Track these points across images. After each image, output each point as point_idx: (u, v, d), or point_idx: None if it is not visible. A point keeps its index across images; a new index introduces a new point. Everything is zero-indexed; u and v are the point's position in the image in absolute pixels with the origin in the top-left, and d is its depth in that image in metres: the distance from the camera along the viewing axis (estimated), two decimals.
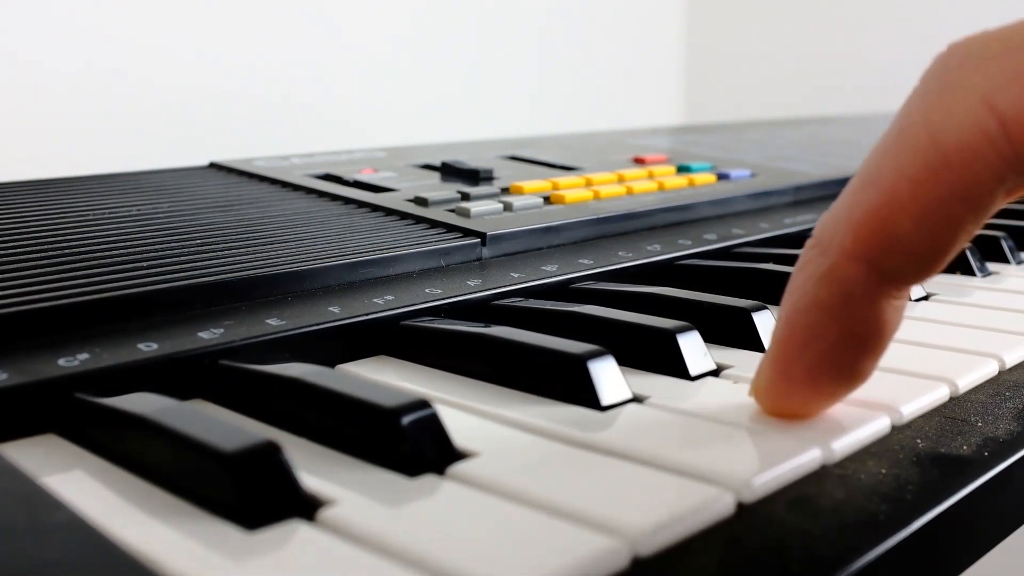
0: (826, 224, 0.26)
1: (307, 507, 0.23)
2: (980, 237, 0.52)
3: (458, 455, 0.26)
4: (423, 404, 0.26)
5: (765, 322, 0.36)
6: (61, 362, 0.29)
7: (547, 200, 0.51)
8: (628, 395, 0.30)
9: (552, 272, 0.42)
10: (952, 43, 0.25)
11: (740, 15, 1.48)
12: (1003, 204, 0.25)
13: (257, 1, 0.96)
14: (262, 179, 0.54)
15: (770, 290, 0.38)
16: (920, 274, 0.26)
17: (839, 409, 0.30)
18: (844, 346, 0.26)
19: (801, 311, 0.26)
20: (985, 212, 0.24)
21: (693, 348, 0.33)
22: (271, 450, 0.23)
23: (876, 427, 0.29)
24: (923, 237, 0.24)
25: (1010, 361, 0.35)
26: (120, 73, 0.86)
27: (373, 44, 1.06)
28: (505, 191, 0.52)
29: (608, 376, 0.30)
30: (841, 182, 0.46)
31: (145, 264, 0.37)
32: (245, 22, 0.95)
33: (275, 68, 0.97)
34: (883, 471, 0.27)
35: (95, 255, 0.37)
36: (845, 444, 0.27)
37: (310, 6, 1.00)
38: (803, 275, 0.26)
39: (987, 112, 0.23)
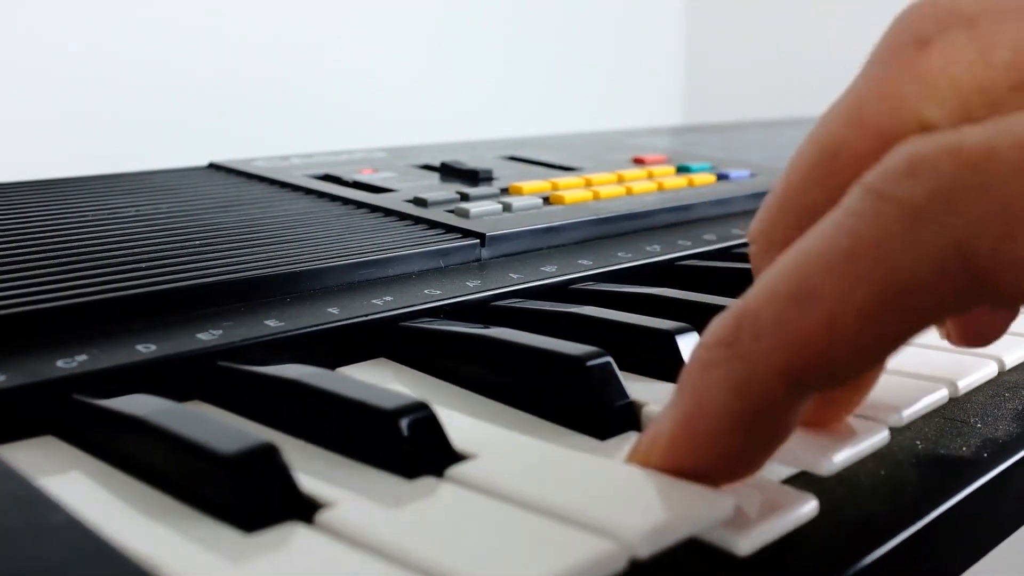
0: (742, 323, 0.23)
1: (305, 509, 0.23)
2: None
3: (457, 457, 0.26)
4: (422, 406, 0.26)
5: None
6: (59, 363, 0.29)
7: (547, 200, 0.51)
8: (628, 398, 0.30)
9: (551, 273, 0.42)
10: (918, 154, 0.21)
11: (740, 15, 1.48)
12: None
13: (257, 2, 0.96)
14: (262, 179, 0.54)
15: None
16: (843, 386, 0.25)
17: None
18: (749, 449, 0.24)
19: (710, 416, 0.23)
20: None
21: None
22: (269, 452, 0.23)
23: (876, 427, 0.29)
24: (860, 364, 0.22)
25: (1010, 362, 0.35)
26: (120, 73, 0.86)
27: (372, 44, 1.06)
28: (504, 191, 0.52)
29: (608, 378, 0.30)
30: None
31: (144, 265, 0.37)
32: (244, 23, 0.95)
33: (275, 68, 0.97)
34: (882, 472, 0.27)
35: (94, 255, 0.37)
36: (845, 457, 0.27)
37: (310, 7, 1.00)
38: (711, 376, 0.23)
39: (957, 256, 0.20)
